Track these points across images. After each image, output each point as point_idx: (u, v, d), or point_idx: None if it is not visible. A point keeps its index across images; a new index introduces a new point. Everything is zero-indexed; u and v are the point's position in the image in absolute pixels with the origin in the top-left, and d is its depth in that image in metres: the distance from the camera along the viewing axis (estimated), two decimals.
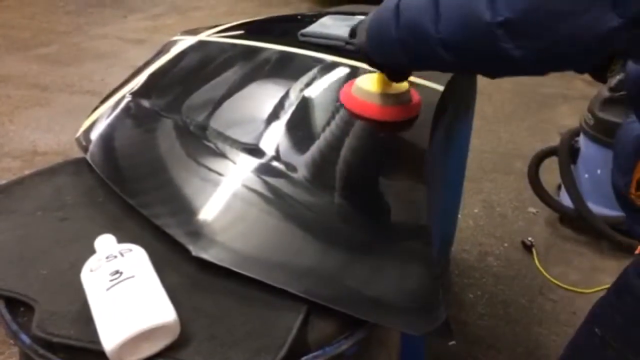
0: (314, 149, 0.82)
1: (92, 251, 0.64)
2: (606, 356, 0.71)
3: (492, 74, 0.67)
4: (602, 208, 1.83)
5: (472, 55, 0.61)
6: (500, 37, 0.54)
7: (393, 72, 0.83)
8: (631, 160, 0.70)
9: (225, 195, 0.75)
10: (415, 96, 0.90)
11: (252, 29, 1.26)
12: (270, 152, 0.80)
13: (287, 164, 0.79)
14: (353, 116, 0.87)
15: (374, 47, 0.75)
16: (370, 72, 0.87)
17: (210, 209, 0.74)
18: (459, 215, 1.86)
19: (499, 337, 1.56)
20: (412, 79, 1.00)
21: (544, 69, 0.61)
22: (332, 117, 0.90)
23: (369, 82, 0.87)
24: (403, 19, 0.66)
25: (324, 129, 0.86)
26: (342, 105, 0.89)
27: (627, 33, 0.51)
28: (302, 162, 0.80)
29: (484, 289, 1.75)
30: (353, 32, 0.82)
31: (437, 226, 1.08)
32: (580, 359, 0.79)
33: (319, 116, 0.89)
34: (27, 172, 0.87)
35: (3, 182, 0.85)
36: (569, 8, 0.50)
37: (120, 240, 0.66)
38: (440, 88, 0.97)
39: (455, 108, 1.14)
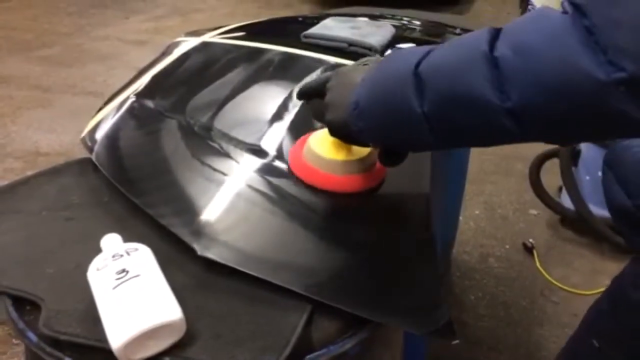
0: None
1: (98, 250, 0.65)
2: None
3: (589, 140, 0.56)
4: (603, 210, 1.83)
5: (563, 123, 0.47)
6: (619, 97, 0.42)
7: (392, 154, 0.67)
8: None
9: (229, 195, 0.76)
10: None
11: (255, 31, 1.27)
12: (274, 152, 0.81)
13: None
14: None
15: (371, 126, 0.59)
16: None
17: (215, 208, 0.75)
18: (460, 217, 1.86)
19: (500, 339, 1.57)
20: None
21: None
22: None
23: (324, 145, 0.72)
24: (433, 88, 0.52)
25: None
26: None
27: None
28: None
29: (484, 290, 1.76)
30: (306, 94, 0.67)
31: (439, 227, 1.08)
32: None
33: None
34: (29, 172, 0.88)
35: (6, 182, 0.85)
36: None
37: (126, 239, 0.67)
38: None
39: None
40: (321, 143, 0.73)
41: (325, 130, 0.70)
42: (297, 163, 0.76)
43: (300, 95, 0.71)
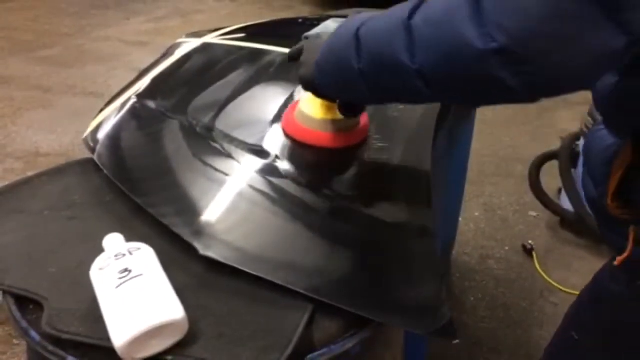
0: (319, 153, 0.83)
1: (100, 250, 0.65)
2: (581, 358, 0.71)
3: (476, 103, 0.63)
4: None
5: (457, 86, 0.55)
6: (494, 66, 0.49)
7: (349, 106, 0.76)
8: (604, 171, 0.68)
9: (231, 195, 0.76)
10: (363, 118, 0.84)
11: (256, 32, 1.27)
12: (275, 152, 0.81)
13: (292, 166, 0.80)
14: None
15: (327, 81, 0.67)
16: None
17: (217, 208, 0.75)
18: (460, 219, 1.87)
19: (500, 340, 1.57)
20: None
21: (541, 95, 0.56)
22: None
23: (312, 106, 0.80)
24: (366, 49, 0.59)
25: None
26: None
27: (629, 52, 0.48)
28: (307, 164, 0.81)
29: (484, 292, 1.76)
30: (292, 57, 0.76)
31: (439, 229, 1.09)
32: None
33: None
34: (29, 173, 0.88)
35: (7, 183, 0.85)
36: (569, 32, 0.46)
37: (128, 239, 0.67)
38: None
39: (458, 111, 1.15)
40: (309, 105, 0.81)
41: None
42: (289, 123, 0.83)
43: (289, 58, 0.79)
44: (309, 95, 0.78)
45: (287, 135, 0.83)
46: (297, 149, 0.82)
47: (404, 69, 0.55)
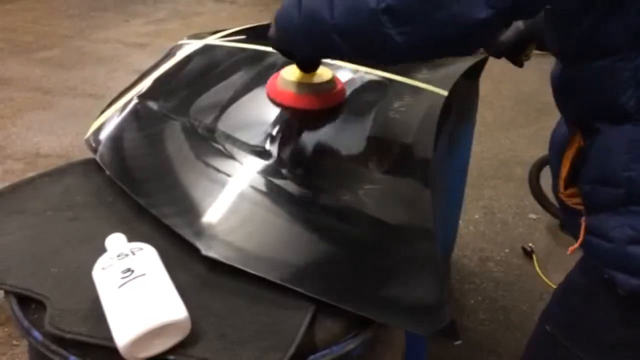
0: (321, 154, 0.84)
1: (102, 250, 0.65)
2: (557, 353, 0.72)
3: (383, 60, 0.72)
4: None
5: (362, 42, 0.63)
6: (384, 23, 0.57)
7: (302, 61, 0.85)
8: (557, 159, 0.70)
9: (233, 196, 0.77)
10: (339, 84, 0.93)
11: (258, 34, 1.27)
12: (277, 153, 0.81)
13: (294, 167, 0.80)
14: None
15: (282, 37, 0.75)
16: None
17: (219, 209, 0.75)
18: (460, 221, 1.87)
19: (500, 343, 1.57)
20: (415, 83, 1.02)
21: (427, 53, 0.67)
22: (340, 120, 0.91)
23: (291, 72, 0.90)
24: (304, 7, 0.67)
25: (331, 133, 0.87)
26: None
27: (498, 23, 0.56)
28: (309, 166, 0.81)
29: (484, 294, 1.76)
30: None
31: (439, 231, 1.09)
32: (535, 357, 0.80)
33: (325, 120, 0.90)
34: (29, 174, 0.88)
35: (7, 184, 0.85)
36: None
37: (131, 239, 0.67)
38: (444, 93, 0.98)
39: (458, 114, 1.15)
40: (290, 71, 0.90)
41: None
42: (272, 88, 0.91)
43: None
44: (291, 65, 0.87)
45: (269, 98, 0.91)
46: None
47: (325, 24, 0.63)
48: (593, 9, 0.55)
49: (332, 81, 0.91)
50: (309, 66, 0.87)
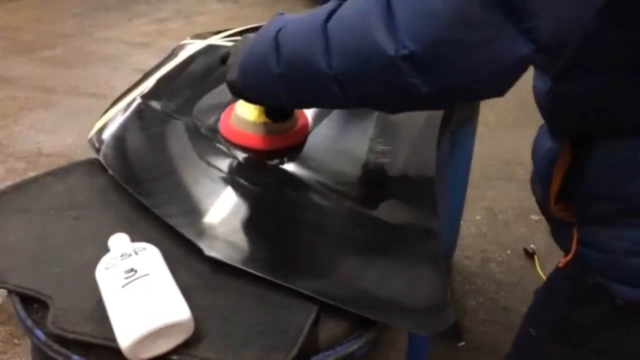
0: (324, 155, 0.84)
1: (106, 250, 0.65)
2: (542, 355, 0.72)
3: (393, 109, 0.62)
4: None
5: (372, 92, 0.55)
6: (406, 72, 0.49)
7: (274, 110, 0.76)
8: (546, 174, 0.69)
9: (236, 196, 0.77)
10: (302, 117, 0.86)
11: None
12: (281, 155, 0.81)
13: (297, 168, 0.80)
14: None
15: (250, 85, 0.67)
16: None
17: (222, 209, 0.75)
18: (462, 222, 1.87)
19: (501, 344, 1.57)
20: None
21: (453, 100, 0.61)
22: (340, 119, 0.91)
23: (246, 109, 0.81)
24: (285, 53, 0.59)
25: (334, 134, 0.87)
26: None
27: (537, 59, 0.49)
28: (312, 167, 0.81)
29: (486, 295, 1.76)
30: (222, 60, 0.74)
31: (441, 231, 1.09)
32: (519, 357, 0.81)
33: (330, 121, 0.90)
34: (31, 173, 0.89)
35: (9, 183, 0.85)
36: (476, 39, 0.47)
37: (134, 239, 0.67)
38: None
39: (460, 115, 1.16)
40: (245, 107, 0.81)
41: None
42: (225, 126, 0.85)
43: (220, 61, 0.76)
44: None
45: (223, 137, 0.84)
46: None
47: (321, 74, 0.55)
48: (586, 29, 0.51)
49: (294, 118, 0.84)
50: (282, 116, 0.79)
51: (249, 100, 0.73)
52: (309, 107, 0.76)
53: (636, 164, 0.55)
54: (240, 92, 0.70)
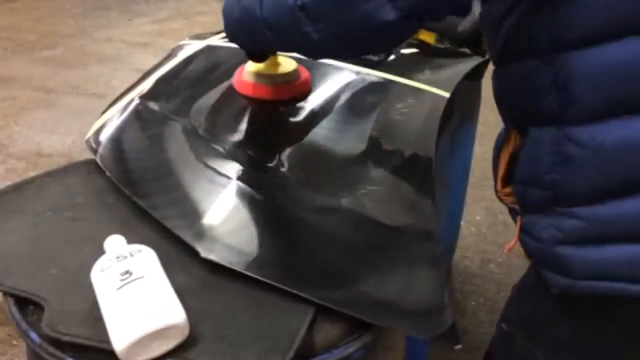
0: (322, 155, 0.83)
1: (102, 251, 0.65)
2: (513, 350, 0.73)
3: (310, 55, 0.73)
4: None
5: (287, 36, 0.65)
6: (301, 20, 0.59)
7: (254, 53, 0.87)
8: (495, 157, 0.70)
9: (233, 198, 0.76)
10: (304, 74, 0.95)
11: None
12: (278, 156, 0.81)
13: (295, 169, 0.79)
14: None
15: (227, 29, 0.78)
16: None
17: (219, 211, 0.75)
18: (462, 222, 1.86)
19: None
20: (417, 84, 1.01)
21: (343, 51, 0.71)
22: (339, 120, 0.91)
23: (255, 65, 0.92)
24: (242, 1, 0.69)
25: (333, 135, 0.87)
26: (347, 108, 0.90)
27: (407, 25, 0.58)
28: (310, 167, 0.81)
29: (485, 296, 1.75)
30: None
31: (441, 232, 1.09)
32: (495, 353, 0.81)
33: (327, 120, 0.90)
34: (31, 173, 0.88)
35: (8, 183, 0.85)
36: None
37: (130, 241, 0.67)
38: (446, 94, 0.98)
39: (460, 115, 1.15)
40: (255, 64, 0.92)
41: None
42: (238, 81, 0.94)
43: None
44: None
45: (234, 90, 0.93)
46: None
47: (257, 19, 0.65)
48: (513, 11, 0.56)
49: (296, 72, 0.94)
50: (256, 57, 0.89)
51: (233, 41, 0.82)
52: (261, 49, 0.85)
53: (559, 152, 0.55)
54: (226, 35, 0.80)
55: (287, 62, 0.93)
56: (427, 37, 1.07)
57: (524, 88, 0.58)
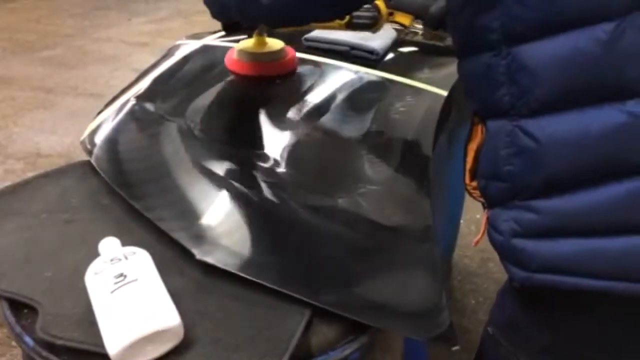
0: (319, 155, 0.83)
1: (97, 254, 0.64)
2: (498, 353, 0.73)
3: (264, 20, 0.79)
4: None
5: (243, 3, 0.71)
6: None
7: (229, 25, 0.91)
8: (464, 152, 0.70)
9: (229, 200, 0.76)
10: (290, 52, 1.01)
11: None
12: (274, 156, 0.81)
13: (291, 169, 0.79)
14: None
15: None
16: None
17: (215, 213, 0.74)
18: (461, 221, 1.86)
19: None
20: (415, 83, 1.01)
21: (296, 18, 0.74)
22: (337, 119, 0.91)
23: (247, 43, 1.00)
24: None
25: (330, 134, 0.87)
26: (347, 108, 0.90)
27: None
28: (307, 168, 0.80)
29: (485, 295, 1.75)
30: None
31: (440, 231, 1.08)
32: (482, 357, 0.81)
33: (324, 121, 0.89)
34: (30, 174, 0.88)
35: (7, 183, 0.85)
36: None
37: (125, 243, 0.66)
38: (444, 93, 0.97)
39: (459, 113, 1.15)
40: (245, 43, 1.01)
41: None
42: (229, 60, 1.01)
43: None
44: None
45: (226, 68, 1.00)
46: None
47: None
48: (467, 5, 0.56)
49: (282, 50, 1.00)
50: (229, 27, 0.96)
51: (217, 17, 0.86)
52: (230, 19, 0.86)
53: (513, 144, 0.56)
54: (209, 9, 0.83)
55: (274, 42, 1.01)
56: (403, 19, 1.07)
57: (482, 81, 0.58)
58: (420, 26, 1.19)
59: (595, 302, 0.58)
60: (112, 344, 0.54)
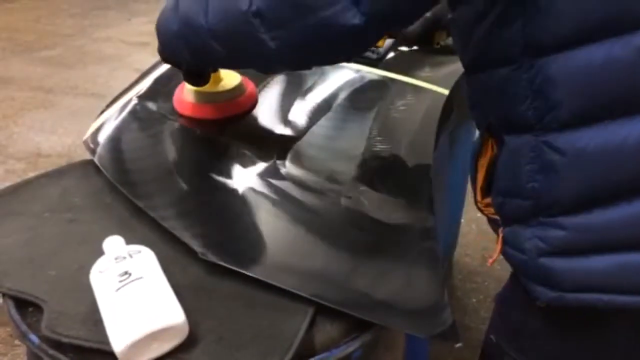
0: (321, 154, 0.83)
1: (100, 253, 0.65)
2: None
3: (261, 68, 0.67)
4: None
5: (237, 46, 0.61)
6: (257, 27, 0.55)
7: (186, 72, 0.78)
8: (472, 166, 0.68)
9: (232, 198, 0.76)
10: (249, 87, 0.90)
11: None
12: (277, 155, 0.81)
13: (294, 168, 0.79)
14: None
15: (163, 45, 0.71)
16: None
17: (218, 211, 0.75)
18: (462, 220, 1.86)
19: None
20: (416, 81, 1.01)
21: (302, 61, 0.64)
22: (338, 118, 0.91)
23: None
24: (181, 11, 0.64)
25: (331, 133, 0.87)
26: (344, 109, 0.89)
27: (371, 31, 0.55)
28: (309, 166, 0.80)
29: (486, 293, 1.75)
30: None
31: (441, 230, 1.08)
32: None
33: (327, 120, 0.90)
34: (31, 174, 0.88)
35: (8, 184, 0.85)
36: (312, 4, 0.52)
37: (128, 242, 0.66)
38: (445, 92, 0.98)
39: (459, 113, 1.15)
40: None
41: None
42: (178, 100, 0.90)
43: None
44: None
45: (175, 111, 0.89)
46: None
47: (202, 30, 0.60)
48: (486, 17, 0.53)
49: (240, 87, 0.89)
50: (195, 79, 0.81)
51: (167, 60, 0.77)
52: (204, 64, 0.77)
53: (539, 160, 0.53)
54: (159, 51, 0.74)
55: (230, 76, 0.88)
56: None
57: (500, 96, 0.56)
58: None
59: (611, 313, 0.57)
60: (118, 341, 0.54)
